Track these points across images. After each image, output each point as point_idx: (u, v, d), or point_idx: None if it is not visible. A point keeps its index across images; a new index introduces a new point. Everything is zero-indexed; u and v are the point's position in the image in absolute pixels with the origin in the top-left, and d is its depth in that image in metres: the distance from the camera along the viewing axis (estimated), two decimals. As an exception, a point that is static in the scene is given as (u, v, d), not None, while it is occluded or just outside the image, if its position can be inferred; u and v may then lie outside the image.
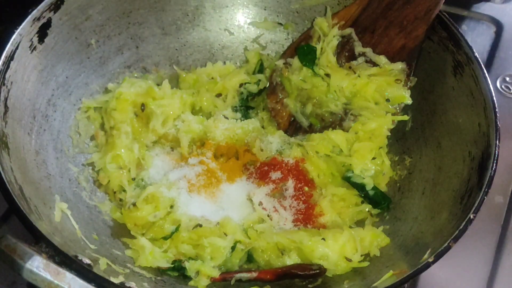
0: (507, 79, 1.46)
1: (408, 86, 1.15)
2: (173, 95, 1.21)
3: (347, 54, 1.19)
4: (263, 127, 1.27)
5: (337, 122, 1.21)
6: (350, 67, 1.18)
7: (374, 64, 1.18)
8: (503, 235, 1.21)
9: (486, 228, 1.21)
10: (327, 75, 1.19)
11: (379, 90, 1.16)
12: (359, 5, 1.14)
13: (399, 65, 1.14)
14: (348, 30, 1.17)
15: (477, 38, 1.54)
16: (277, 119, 1.26)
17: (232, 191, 1.17)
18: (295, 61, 1.23)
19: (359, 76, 1.17)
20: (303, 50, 1.22)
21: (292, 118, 1.25)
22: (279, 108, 1.25)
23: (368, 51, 1.16)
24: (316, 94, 1.21)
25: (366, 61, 1.18)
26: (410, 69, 1.14)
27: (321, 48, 1.20)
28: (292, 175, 1.18)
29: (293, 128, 1.25)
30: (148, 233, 1.08)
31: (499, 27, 1.56)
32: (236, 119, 1.26)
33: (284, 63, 1.25)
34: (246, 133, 1.23)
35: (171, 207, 1.10)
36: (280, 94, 1.25)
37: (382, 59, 1.16)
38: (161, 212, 1.08)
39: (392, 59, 1.16)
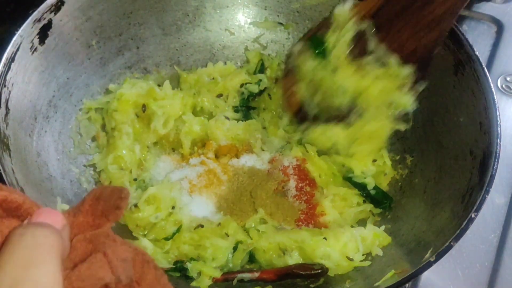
0: (508, 78, 1.46)
1: (414, 92, 1.11)
2: (174, 95, 1.21)
3: (360, 49, 1.15)
4: (264, 127, 1.27)
5: (342, 116, 1.19)
6: (359, 64, 1.14)
7: (384, 64, 1.13)
8: (504, 235, 1.20)
9: (487, 228, 1.21)
10: (336, 69, 1.15)
11: (383, 93, 1.12)
12: (378, 1, 1.10)
13: (407, 70, 1.10)
14: (365, 24, 1.12)
15: (478, 38, 1.54)
16: (288, 103, 1.22)
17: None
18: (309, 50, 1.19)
19: (366, 75, 1.13)
20: (316, 40, 1.17)
21: (301, 106, 1.22)
22: (291, 92, 1.22)
23: (381, 48, 1.12)
24: (325, 85, 1.19)
25: (377, 59, 1.13)
26: (418, 76, 1.10)
27: (336, 40, 1.14)
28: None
29: (300, 115, 1.22)
30: (150, 234, 1.09)
31: (500, 27, 1.56)
32: (237, 120, 1.26)
33: (299, 49, 1.19)
34: (248, 134, 1.23)
35: (173, 208, 1.10)
36: (293, 79, 1.21)
37: (393, 60, 1.11)
38: (163, 213, 1.08)
39: (405, 59, 1.11)
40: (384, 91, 1.12)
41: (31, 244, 0.48)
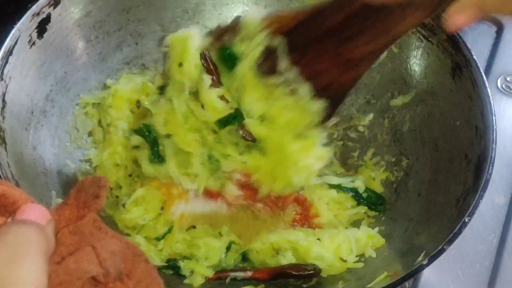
0: (508, 78, 1.45)
1: (324, 127, 0.98)
2: (168, 91, 1.21)
3: (269, 65, 0.96)
4: None
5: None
6: (268, 84, 0.97)
7: (294, 92, 0.96)
8: (504, 235, 1.20)
9: (487, 228, 1.21)
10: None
11: (290, 124, 0.97)
12: (295, 19, 0.93)
13: (318, 105, 0.95)
14: (278, 40, 0.94)
15: (478, 38, 1.53)
16: None
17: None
18: None
19: (274, 103, 0.96)
20: (223, 54, 0.99)
21: None
22: None
23: (294, 72, 0.94)
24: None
25: (287, 83, 0.95)
26: (328, 113, 0.96)
27: (243, 53, 0.97)
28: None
29: None
30: (141, 233, 1.08)
31: (499, 27, 1.55)
32: None
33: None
34: None
35: (162, 208, 1.09)
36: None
37: (304, 89, 0.94)
38: (150, 215, 1.08)
39: (317, 92, 0.95)
40: (292, 122, 0.97)
41: (14, 241, 0.48)
